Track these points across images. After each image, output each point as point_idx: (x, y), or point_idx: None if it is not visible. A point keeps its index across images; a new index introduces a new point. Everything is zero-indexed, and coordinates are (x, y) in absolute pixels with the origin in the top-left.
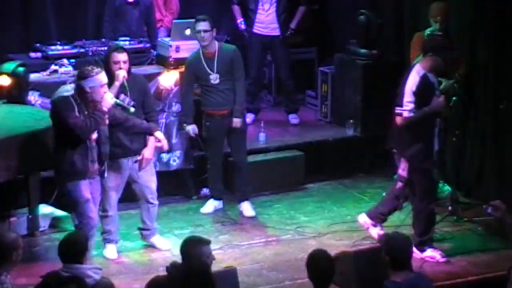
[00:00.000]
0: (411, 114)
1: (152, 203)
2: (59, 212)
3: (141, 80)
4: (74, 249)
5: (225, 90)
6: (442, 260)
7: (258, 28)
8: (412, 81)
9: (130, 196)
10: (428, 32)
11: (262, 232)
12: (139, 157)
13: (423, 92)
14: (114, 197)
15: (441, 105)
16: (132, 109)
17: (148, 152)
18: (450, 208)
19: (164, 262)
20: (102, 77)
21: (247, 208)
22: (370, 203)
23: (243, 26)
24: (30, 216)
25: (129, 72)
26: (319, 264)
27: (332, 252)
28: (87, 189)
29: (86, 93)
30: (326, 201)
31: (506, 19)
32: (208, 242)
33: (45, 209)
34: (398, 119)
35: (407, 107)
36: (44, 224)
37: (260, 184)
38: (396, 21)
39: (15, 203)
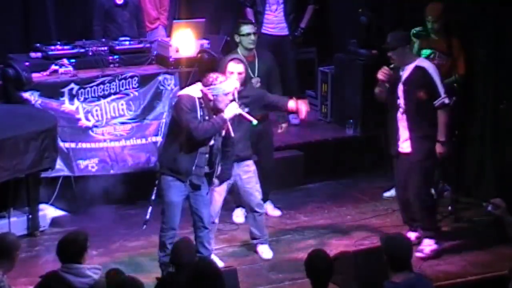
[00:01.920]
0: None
1: (258, 212)
2: (59, 212)
3: (258, 91)
4: (73, 248)
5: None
6: (435, 246)
7: (266, 28)
8: (435, 73)
9: (130, 197)
10: (414, 32)
11: None
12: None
13: None
14: (219, 204)
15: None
16: (255, 122)
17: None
18: (450, 208)
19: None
20: (226, 85)
21: (271, 208)
22: (370, 203)
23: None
24: (30, 216)
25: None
26: (318, 264)
27: (332, 252)
28: (180, 192)
29: (209, 100)
30: (326, 201)
31: (506, 19)
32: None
33: (45, 209)
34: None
35: (445, 97)
36: (44, 224)
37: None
38: (396, 21)
39: (15, 203)
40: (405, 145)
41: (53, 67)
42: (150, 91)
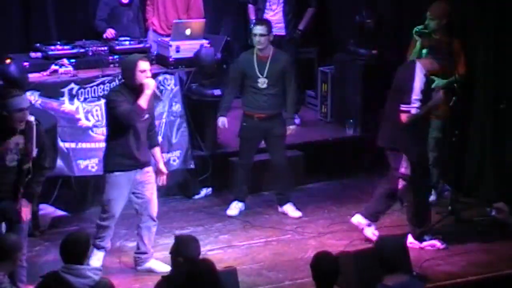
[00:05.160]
0: (418, 111)
1: (155, 221)
2: (59, 212)
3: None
4: (76, 249)
5: (270, 95)
6: (441, 246)
7: None
8: (419, 79)
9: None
10: (416, 30)
11: (262, 232)
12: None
13: (426, 90)
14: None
15: (441, 99)
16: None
17: (163, 167)
18: (450, 208)
19: (165, 262)
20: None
21: (292, 209)
22: None
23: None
24: (30, 216)
25: None
26: (324, 266)
27: (332, 252)
28: None
29: None
30: (326, 201)
31: (506, 19)
32: (196, 239)
33: (45, 209)
34: (404, 116)
35: (415, 104)
36: (44, 224)
37: (260, 184)
38: (396, 21)
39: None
40: None
41: (53, 67)
42: None
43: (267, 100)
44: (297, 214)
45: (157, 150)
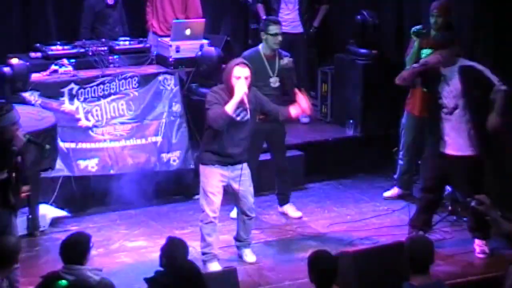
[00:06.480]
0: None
1: (248, 216)
2: (59, 212)
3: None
4: (77, 250)
5: (275, 95)
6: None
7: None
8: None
9: (128, 197)
10: (414, 30)
11: (262, 232)
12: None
13: None
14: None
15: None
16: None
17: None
18: (450, 208)
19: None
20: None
21: (292, 210)
22: (370, 203)
23: None
24: (30, 216)
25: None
26: (322, 265)
27: (332, 252)
28: None
29: None
30: (326, 201)
31: (506, 19)
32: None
33: (45, 209)
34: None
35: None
36: (44, 224)
37: (260, 184)
38: (396, 21)
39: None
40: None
41: (53, 67)
42: (150, 91)
43: (274, 100)
44: (298, 214)
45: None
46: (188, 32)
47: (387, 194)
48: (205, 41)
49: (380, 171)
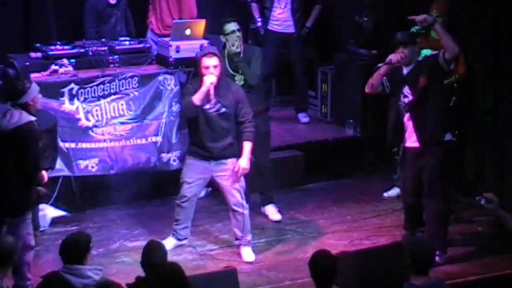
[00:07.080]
0: None
1: (237, 211)
2: (59, 212)
3: (237, 87)
4: (76, 250)
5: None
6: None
7: (273, 26)
8: None
9: (130, 197)
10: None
11: (262, 232)
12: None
13: None
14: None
15: None
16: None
17: (242, 162)
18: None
19: None
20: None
21: (273, 212)
22: (370, 203)
23: (259, 24)
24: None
25: (220, 77)
26: (322, 265)
27: (332, 252)
28: None
29: None
30: (326, 201)
31: (506, 19)
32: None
33: (45, 209)
34: None
35: None
36: (44, 224)
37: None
38: (396, 21)
39: None
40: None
41: (53, 67)
42: (150, 91)
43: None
44: (277, 217)
45: (245, 145)
46: (188, 32)
47: (387, 194)
48: (205, 41)
49: (380, 171)
